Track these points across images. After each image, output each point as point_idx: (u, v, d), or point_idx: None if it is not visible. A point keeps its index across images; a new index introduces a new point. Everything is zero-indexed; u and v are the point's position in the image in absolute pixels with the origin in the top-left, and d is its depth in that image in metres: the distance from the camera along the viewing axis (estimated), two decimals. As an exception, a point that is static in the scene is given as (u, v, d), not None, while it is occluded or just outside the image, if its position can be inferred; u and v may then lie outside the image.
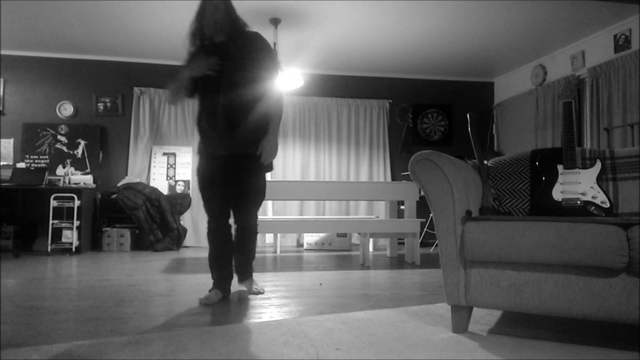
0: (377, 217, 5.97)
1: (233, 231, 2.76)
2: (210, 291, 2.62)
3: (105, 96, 6.09)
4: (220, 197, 2.63)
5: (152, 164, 6.08)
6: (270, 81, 2.59)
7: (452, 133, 6.93)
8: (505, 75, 6.78)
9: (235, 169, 2.60)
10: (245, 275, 2.85)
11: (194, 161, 6.18)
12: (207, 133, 2.57)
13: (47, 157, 5.84)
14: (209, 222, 2.65)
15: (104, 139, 6.08)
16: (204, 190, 2.62)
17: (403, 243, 5.84)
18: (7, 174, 5.36)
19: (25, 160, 5.76)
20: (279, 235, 5.50)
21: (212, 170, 2.59)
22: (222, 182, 2.61)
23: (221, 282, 2.65)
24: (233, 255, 2.78)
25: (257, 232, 2.83)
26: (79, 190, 5.15)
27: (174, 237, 5.55)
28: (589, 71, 5.11)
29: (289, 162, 6.47)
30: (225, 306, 2.48)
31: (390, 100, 6.76)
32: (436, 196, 1.95)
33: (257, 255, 5.02)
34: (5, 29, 5.15)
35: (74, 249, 5.00)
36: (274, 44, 4.94)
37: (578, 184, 2.08)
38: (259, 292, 2.82)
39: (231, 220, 2.74)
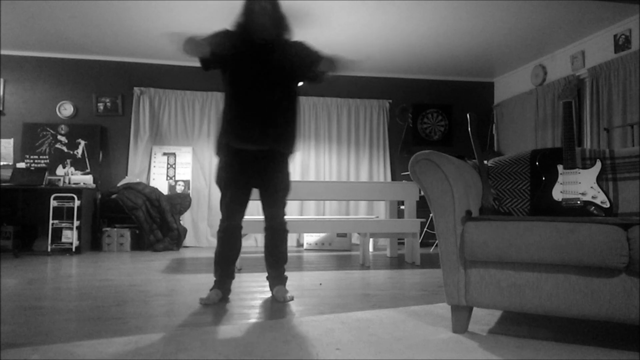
0: (377, 217, 5.97)
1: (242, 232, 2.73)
2: (210, 291, 2.62)
3: (105, 96, 6.09)
4: (240, 196, 2.61)
5: (152, 164, 6.08)
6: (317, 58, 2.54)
7: (452, 133, 6.93)
8: (505, 75, 6.78)
9: (264, 166, 2.59)
10: (280, 280, 2.73)
11: (194, 161, 6.18)
12: (240, 126, 2.52)
13: (47, 157, 5.84)
14: (223, 220, 2.61)
15: (104, 139, 6.08)
16: (226, 188, 2.59)
17: (403, 243, 5.83)
18: (7, 174, 5.36)
19: (25, 160, 5.76)
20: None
21: (238, 168, 2.56)
22: (247, 181, 2.60)
23: (222, 281, 2.65)
24: (265, 260, 2.74)
25: (287, 230, 2.72)
26: (79, 190, 5.14)
27: (174, 237, 5.55)
28: (589, 71, 5.11)
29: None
30: (226, 306, 2.48)
31: (390, 100, 6.76)
32: (436, 196, 1.95)
33: (256, 255, 5.01)
34: (5, 29, 5.15)
35: (74, 249, 5.00)
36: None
37: (578, 184, 2.08)
38: (290, 299, 2.64)
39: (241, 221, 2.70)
